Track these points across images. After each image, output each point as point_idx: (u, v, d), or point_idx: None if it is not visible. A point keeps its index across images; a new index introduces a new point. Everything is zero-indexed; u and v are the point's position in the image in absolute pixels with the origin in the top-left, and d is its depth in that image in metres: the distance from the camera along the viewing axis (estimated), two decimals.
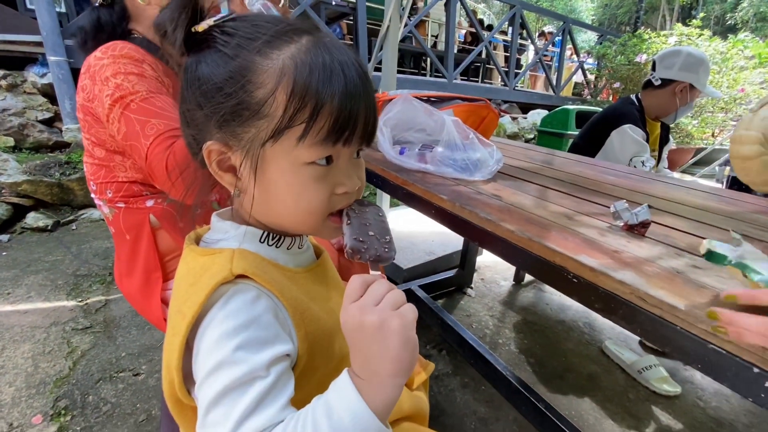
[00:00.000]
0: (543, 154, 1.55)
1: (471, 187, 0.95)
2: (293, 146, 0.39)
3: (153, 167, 0.64)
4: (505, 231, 0.71)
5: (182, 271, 0.46)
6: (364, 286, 0.38)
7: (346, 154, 0.44)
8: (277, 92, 0.38)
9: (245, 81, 0.38)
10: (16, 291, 1.88)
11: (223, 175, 0.44)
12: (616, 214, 0.74)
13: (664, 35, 5.29)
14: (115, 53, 0.68)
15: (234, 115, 0.39)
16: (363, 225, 0.45)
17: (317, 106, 0.38)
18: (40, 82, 2.83)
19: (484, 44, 5.47)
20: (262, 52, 0.39)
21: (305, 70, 0.38)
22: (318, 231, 0.47)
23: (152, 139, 0.63)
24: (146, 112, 0.65)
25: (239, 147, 0.41)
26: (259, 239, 0.47)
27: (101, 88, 0.66)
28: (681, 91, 1.60)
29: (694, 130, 5.34)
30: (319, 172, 0.42)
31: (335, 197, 0.44)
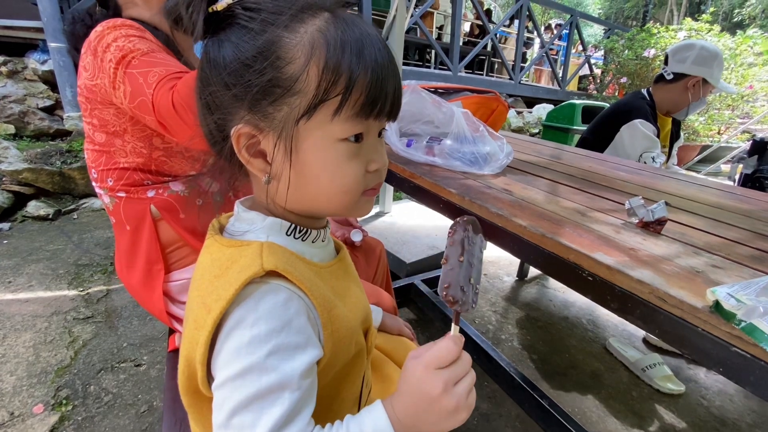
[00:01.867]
0: (551, 148, 1.52)
1: (480, 181, 0.93)
2: (327, 122, 0.39)
3: (160, 107, 0.61)
4: (517, 227, 0.69)
5: (205, 261, 0.44)
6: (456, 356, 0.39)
7: (374, 130, 0.43)
8: (310, 67, 0.37)
9: (274, 57, 0.37)
10: (17, 280, 1.87)
11: (252, 161, 0.42)
12: (630, 211, 0.72)
13: (673, 30, 5.22)
14: (116, 24, 0.66)
15: (265, 93, 0.38)
16: (470, 266, 0.44)
17: (352, 78, 0.37)
18: (41, 69, 2.79)
19: (490, 36, 5.40)
20: (289, 27, 0.38)
21: (337, 43, 0.37)
22: (353, 209, 0.45)
23: (155, 83, 0.62)
24: (148, 65, 0.63)
25: (271, 128, 0.39)
26: (286, 232, 0.45)
27: (103, 57, 0.65)
28: (693, 85, 1.56)
29: (701, 127, 5.30)
30: (352, 149, 0.41)
31: (368, 175, 0.44)
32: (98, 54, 0.65)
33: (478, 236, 0.47)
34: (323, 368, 0.43)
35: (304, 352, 0.39)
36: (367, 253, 1.10)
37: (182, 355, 0.42)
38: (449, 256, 0.43)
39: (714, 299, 0.45)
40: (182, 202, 0.78)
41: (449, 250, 0.43)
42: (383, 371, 0.70)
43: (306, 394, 0.39)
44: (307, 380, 0.39)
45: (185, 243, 0.79)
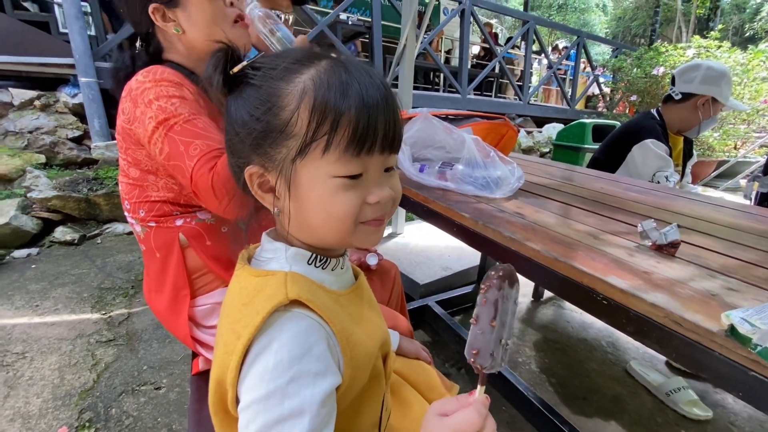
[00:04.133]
0: (562, 170, 1.54)
1: (492, 205, 0.95)
2: (320, 159, 0.42)
3: (199, 187, 0.66)
4: (530, 250, 0.70)
5: (234, 290, 0.48)
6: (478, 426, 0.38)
7: (374, 166, 0.45)
8: (300, 111, 0.42)
9: (271, 105, 0.43)
10: (44, 303, 1.94)
11: (264, 196, 0.47)
12: (643, 234, 0.73)
13: (682, 48, 5.24)
14: (156, 77, 0.71)
15: (265, 137, 0.43)
16: (502, 327, 0.42)
17: (336, 117, 0.41)
18: (71, 102, 2.96)
19: (498, 59, 5.50)
20: (285, 78, 0.43)
21: (323, 86, 0.41)
22: (352, 238, 0.47)
23: (196, 160, 0.66)
24: (189, 134, 0.68)
25: (274, 167, 0.45)
26: (308, 261, 0.49)
27: (144, 110, 0.69)
28: (703, 104, 1.57)
29: (716, 142, 5.23)
30: (347, 183, 0.44)
31: (367, 207, 0.46)
32: (138, 105, 0.70)
33: (513, 289, 0.44)
34: (342, 394, 0.45)
35: (324, 379, 0.41)
36: (383, 276, 1.12)
37: (213, 378, 0.45)
38: (480, 316, 0.41)
39: (729, 323, 0.46)
40: (208, 230, 0.82)
41: (481, 310, 0.42)
42: (401, 395, 0.71)
43: (325, 419, 0.41)
44: (327, 406, 0.41)
45: (210, 270, 0.83)
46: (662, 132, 1.64)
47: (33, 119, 2.79)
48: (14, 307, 1.89)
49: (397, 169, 0.51)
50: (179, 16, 0.77)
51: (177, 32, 0.79)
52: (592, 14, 21.07)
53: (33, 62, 2.84)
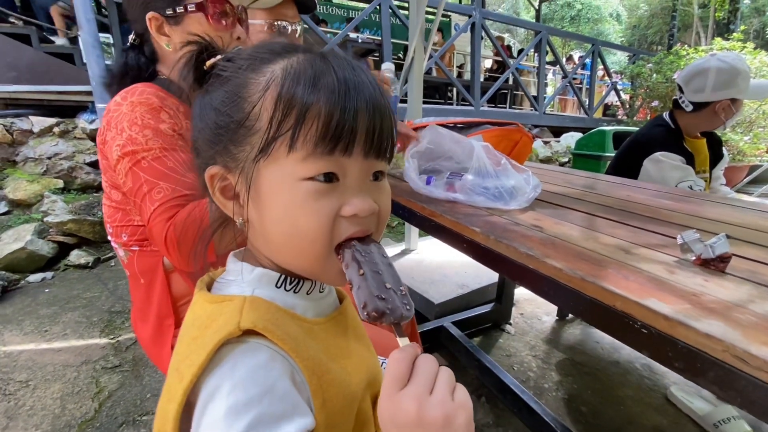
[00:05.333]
0: (583, 177, 1.43)
1: (507, 218, 0.86)
2: (285, 159, 0.36)
3: (153, 234, 0.63)
4: (551, 269, 0.61)
5: (188, 320, 0.41)
6: (409, 365, 0.33)
7: (354, 170, 0.38)
8: (265, 101, 0.36)
9: (237, 98, 0.37)
10: (53, 328, 1.92)
11: (226, 203, 0.41)
12: (684, 247, 0.63)
13: (703, 51, 5.07)
14: (134, 99, 0.67)
15: (227, 132, 0.38)
16: (376, 274, 0.38)
17: (303, 108, 0.34)
18: (89, 128, 3.04)
19: (511, 70, 5.44)
20: (257, 69, 0.37)
21: (292, 76, 0.36)
22: (322, 269, 0.40)
23: (157, 205, 0.62)
24: (156, 173, 0.64)
25: (236, 168, 0.38)
26: (276, 283, 0.41)
27: (114, 136, 0.66)
28: (723, 109, 1.43)
29: (746, 146, 4.96)
30: (319, 188, 0.36)
31: (341, 222, 0.38)
32: (111, 129, 0.67)
33: (370, 245, 0.40)
34: None
35: (291, 421, 0.33)
36: None
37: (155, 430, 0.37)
38: (351, 278, 0.38)
39: None
40: None
41: (348, 274, 0.38)
42: None
43: None
44: None
45: None
46: (673, 140, 1.50)
47: (52, 145, 2.87)
48: (23, 333, 1.88)
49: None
50: (176, 33, 0.74)
51: (167, 47, 0.75)
52: (606, 24, 20.92)
53: (52, 90, 2.94)
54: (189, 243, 0.61)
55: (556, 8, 19.92)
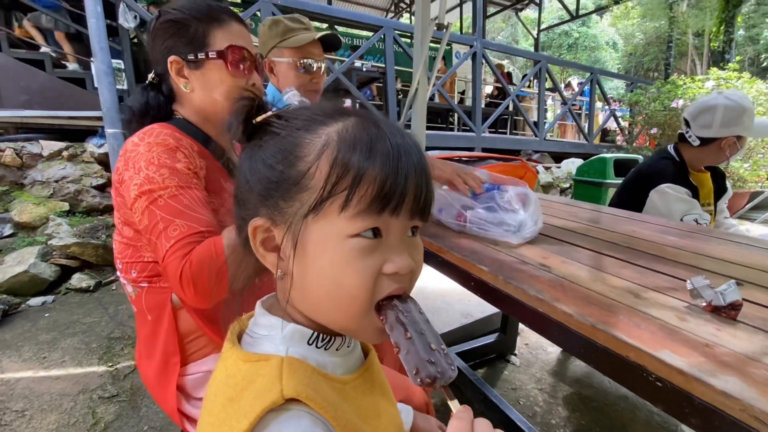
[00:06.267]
0: (588, 210, 1.44)
1: (514, 255, 0.87)
2: (336, 217, 0.37)
3: (168, 271, 0.63)
4: (561, 314, 0.61)
5: (220, 377, 0.40)
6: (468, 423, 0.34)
7: (397, 228, 0.39)
8: (320, 162, 0.37)
9: (291, 155, 0.39)
10: (51, 355, 1.90)
11: (266, 255, 0.41)
12: (694, 292, 0.63)
13: (700, 80, 5.18)
14: (151, 140, 0.69)
15: (279, 188, 0.39)
16: (420, 335, 0.39)
17: (360, 171, 0.36)
18: (97, 152, 3.09)
19: (512, 98, 5.56)
20: (311, 129, 0.39)
21: (349, 140, 0.37)
22: (360, 326, 0.40)
23: (173, 242, 0.63)
24: (172, 210, 0.65)
25: (283, 222, 0.39)
26: (308, 340, 0.42)
27: (131, 176, 0.67)
28: (729, 145, 1.45)
29: (747, 173, 5.01)
30: (364, 245, 0.38)
31: (383, 279, 0.39)
32: (129, 168, 0.68)
33: (407, 303, 0.41)
34: None
35: None
36: None
37: None
38: (397, 341, 0.39)
39: None
40: None
41: (393, 336, 0.39)
42: None
43: None
44: None
45: (203, 333, 0.76)
46: (679, 173, 1.52)
47: (60, 169, 2.91)
48: (21, 359, 1.85)
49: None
50: (195, 77, 0.77)
51: (185, 89, 0.78)
52: (603, 51, 21.44)
53: (63, 116, 3.00)
54: (204, 280, 0.62)
55: (554, 36, 20.48)
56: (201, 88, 0.77)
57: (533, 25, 11.69)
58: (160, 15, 0.77)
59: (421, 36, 2.10)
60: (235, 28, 0.78)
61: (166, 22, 0.76)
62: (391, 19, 9.85)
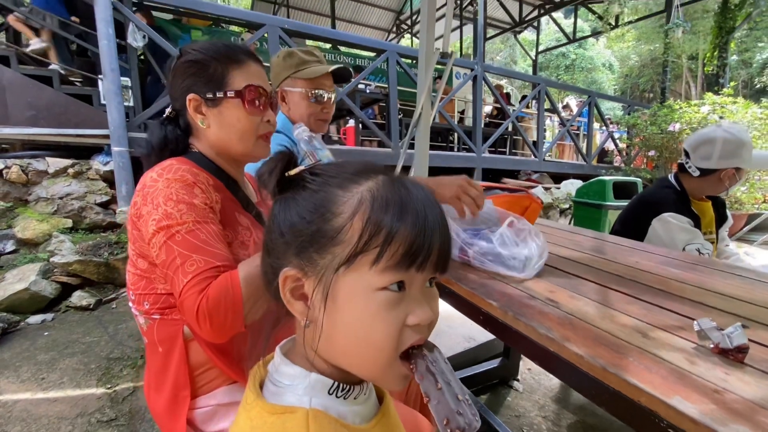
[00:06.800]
0: (591, 239, 1.46)
1: (522, 289, 0.88)
2: (366, 271, 0.40)
3: (184, 306, 0.64)
4: (572, 355, 0.62)
5: (245, 428, 0.42)
6: None
7: (419, 281, 0.42)
8: (354, 220, 0.40)
9: (326, 211, 0.41)
10: (50, 376, 1.87)
11: (294, 303, 0.43)
12: (702, 334, 0.64)
13: (696, 105, 5.28)
14: (169, 176, 0.71)
15: (312, 241, 0.41)
16: (448, 386, 0.41)
17: (392, 231, 0.39)
18: (103, 169, 3.12)
19: (511, 120, 5.65)
20: (343, 186, 0.42)
21: (381, 200, 0.40)
22: (385, 375, 0.42)
23: (190, 277, 0.64)
24: (189, 246, 0.66)
25: (314, 273, 0.41)
26: (328, 390, 0.43)
27: (150, 211, 0.68)
28: (729, 177, 1.49)
29: (744, 196, 5.06)
30: (391, 298, 0.40)
31: (406, 330, 0.41)
32: (147, 204, 0.70)
33: (434, 352, 0.44)
34: None
35: None
36: None
37: None
38: (428, 391, 0.41)
39: None
40: None
41: (423, 386, 0.41)
42: None
43: None
44: None
45: (214, 365, 0.77)
46: (681, 202, 1.54)
47: (65, 186, 2.93)
48: (20, 380, 1.83)
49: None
50: (212, 114, 0.79)
51: (202, 125, 0.80)
52: (599, 73, 21.87)
53: (71, 134, 3.04)
54: (220, 315, 0.63)
55: (552, 57, 20.92)
56: (217, 125, 0.80)
57: (531, 47, 11.98)
58: (181, 55, 0.80)
59: (426, 64, 2.15)
60: (252, 68, 0.81)
61: (187, 62, 0.78)
62: (394, 43, 10.06)
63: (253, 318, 0.67)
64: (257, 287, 0.64)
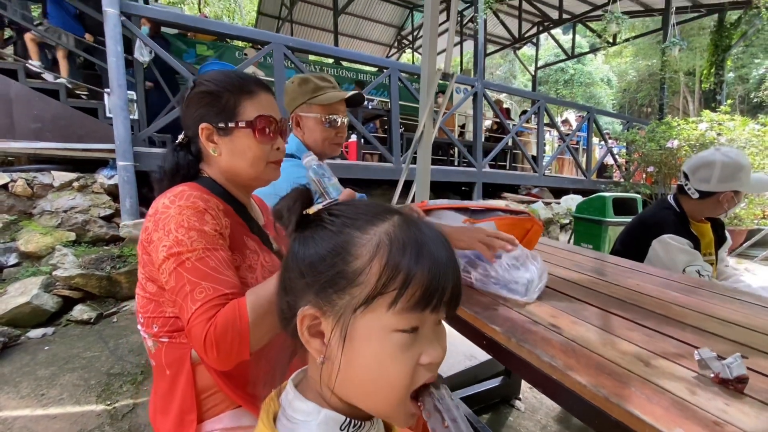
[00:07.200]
0: (591, 259, 1.47)
1: (525, 313, 0.89)
2: (383, 312, 0.41)
3: (192, 334, 0.65)
4: (575, 383, 0.63)
5: None
6: None
7: (432, 321, 0.44)
8: (373, 262, 0.42)
9: (346, 253, 0.43)
10: (50, 392, 1.87)
11: (311, 340, 0.44)
12: (702, 363, 0.65)
13: (693, 122, 5.35)
14: (181, 204, 0.73)
15: (332, 282, 0.43)
16: (454, 423, 0.42)
17: (409, 274, 0.41)
18: (107, 183, 3.15)
19: (511, 135, 5.72)
20: (362, 228, 0.44)
21: (399, 243, 0.42)
22: (396, 413, 0.44)
23: (199, 305, 0.65)
24: (199, 273, 0.68)
25: (332, 313, 0.43)
26: (340, 426, 0.45)
27: (161, 237, 0.70)
28: (728, 200, 1.50)
29: (743, 211, 5.09)
30: (405, 339, 0.42)
31: (419, 369, 0.43)
32: (158, 230, 0.71)
33: (441, 389, 0.45)
34: None
35: None
36: None
37: None
38: (435, 428, 0.42)
39: None
40: None
41: (431, 423, 0.42)
42: None
43: None
44: None
45: (220, 389, 0.77)
46: (680, 223, 1.56)
47: (69, 199, 2.96)
48: (20, 396, 1.82)
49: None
50: (224, 142, 0.82)
51: (213, 153, 0.83)
52: (598, 87, 22.13)
53: (77, 148, 3.08)
54: (227, 343, 0.64)
55: (551, 72, 21.21)
56: (229, 153, 0.82)
57: (531, 62, 12.16)
58: (195, 85, 0.83)
59: (428, 84, 2.20)
60: (262, 98, 0.83)
61: (200, 92, 0.81)
62: (395, 60, 10.20)
63: (257, 347, 0.68)
64: (263, 316, 0.66)
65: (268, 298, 0.66)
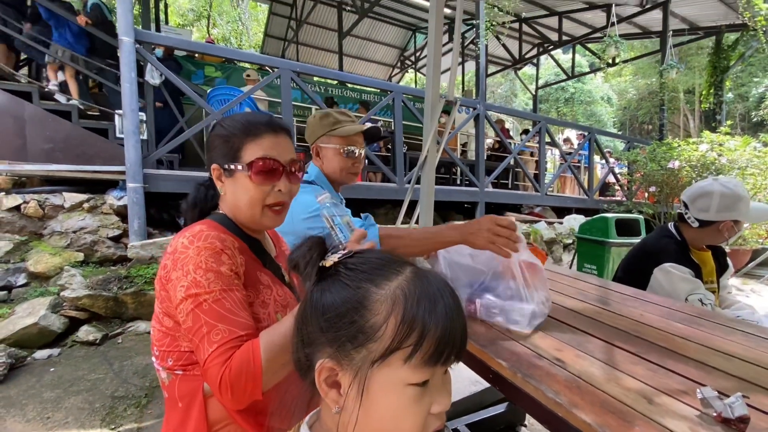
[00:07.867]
0: (595, 286, 1.49)
1: (529, 346, 0.91)
2: (399, 367, 0.43)
3: (208, 375, 0.68)
4: (581, 422, 0.65)
5: None
6: None
7: (441, 372, 0.47)
8: (389, 319, 0.44)
9: (363, 309, 0.45)
10: (55, 415, 1.87)
11: (328, 391, 0.47)
12: (704, 402, 0.67)
13: (694, 143, 5.40)
14: (200, 245, 0.76)
15: (351, 338, 0.45)
16: None
17: (424, 331, 0.43)
18: (117, 204, 3.21)
19: (513, 156, 5.78)
20: (377, 283, 0.46)
21: (413, 300, 0.45)
22: None
23: (215, 347, 0.68)
24: (215, 315, 0.70)
25: (350, 366, 0.45)
26: None
27: (179, 277, 0.73)
28: (727, 228, 1.52)
29: (747, 232, 5.09)
30: (418, 392, 0.44)
31: (430, 418, 0.46)
32: (176, 269, 0.74)
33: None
34: None
35: None
36: None
37: None
38: None
39: None
40: None
41: None
42: None
43: None
44: None
45: (233, 421, 0.79)
46: (681, 252, 1.57)
47: (79, 220, 3.01)
48: (25, 419, 1.82)
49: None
50: (228, 183, 0.86)
51: (221, 192, 0.87)
52: (598, 106, 22.36)
53: (88, 170, 3.15)
54: (242, 385, 0.66)
55: (551, 91, 21.51)
56: (231, 193, 0.86)
57: (531, 81, 12.37)
58: (214, 128, 0.88)
59: (431, 109, 2.26)
60: (267, 140, 0.85)
61: (215, 135, 0.86)
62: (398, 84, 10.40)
63: (269, 386, 0.71)
64: (276, 358, 0.68)
65: (281, 341, 0.68)
